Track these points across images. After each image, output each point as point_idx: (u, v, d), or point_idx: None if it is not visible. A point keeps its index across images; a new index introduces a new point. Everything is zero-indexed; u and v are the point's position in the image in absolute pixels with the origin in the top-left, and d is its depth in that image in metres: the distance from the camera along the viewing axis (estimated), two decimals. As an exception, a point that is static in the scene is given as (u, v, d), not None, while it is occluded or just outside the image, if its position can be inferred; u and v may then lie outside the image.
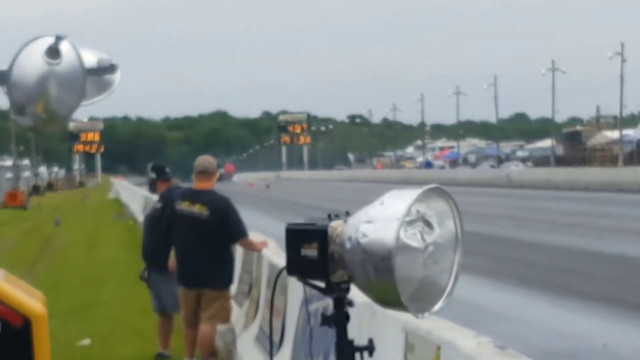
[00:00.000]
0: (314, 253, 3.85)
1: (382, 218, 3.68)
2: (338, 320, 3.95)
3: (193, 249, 10.58)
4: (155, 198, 12.87)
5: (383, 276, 3.65)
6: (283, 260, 4.01)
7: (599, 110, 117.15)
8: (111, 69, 5.13)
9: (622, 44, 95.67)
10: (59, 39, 4.84)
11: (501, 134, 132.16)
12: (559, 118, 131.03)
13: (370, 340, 4.00)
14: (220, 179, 11.10)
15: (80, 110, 5.03)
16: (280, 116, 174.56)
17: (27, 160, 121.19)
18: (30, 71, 4.82)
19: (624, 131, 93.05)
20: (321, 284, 3.91)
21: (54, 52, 4.81)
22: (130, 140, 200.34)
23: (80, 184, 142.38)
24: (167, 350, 11.89)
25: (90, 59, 5.02)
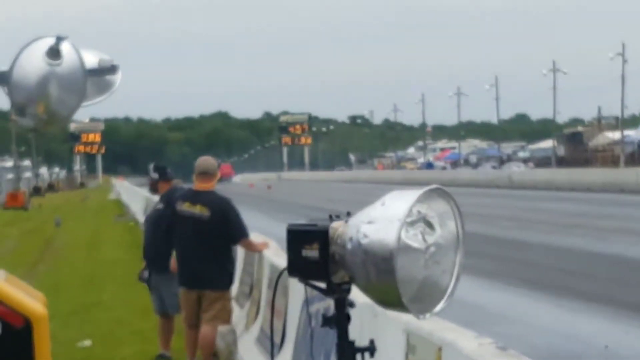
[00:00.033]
0: (315, 254, 3.84)
1: (383, 219, 3.68)
2: (339, 321, 3.95)
3: (194, 250, 10.57)
4: (156, 199, 12.86)
5: (384, 277, 3.64)
6: (284, 261, 4.01)
7: (600, 111, 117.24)
8: (112, 69, 5.12)
9: (624, 45, 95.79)
10: (59, 39, 4.84)
11: (502, 134, 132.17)
12: (560, 119, 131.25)
13: (371, 341, 3.99)
14: (219, 180, 11.10)
15: (81, 111, 5.02)
16: (281, 117, 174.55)
17: (28, 161, 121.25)
18: (31, 72, 4.81)
19: (625, 132, 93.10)
20: (322, 285, 3.91)
21: (54, 53, 4.80)
22: (131, 141, 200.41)
23: (81, 184, 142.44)
24: (168, 351, 11.88)
25: (91, 59, 5.01)
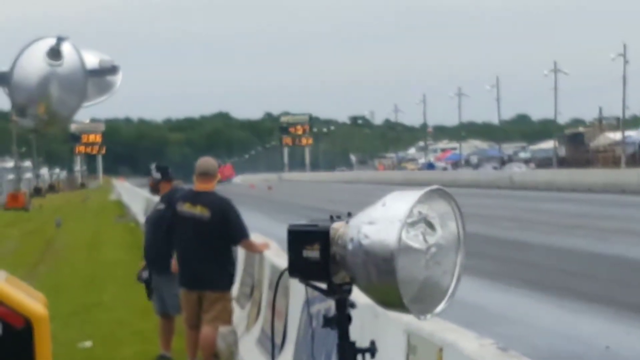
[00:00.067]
0: (315, 254, 3.84)
1: (384, 219, 3.67)
2: (340, 322, 3.94)
3: (194, 251, 10.56)
4: (156, 199, 12.85)
5: (385, 278, 3.63)
6: (285, 262, 4.00)
7: (601, 112, 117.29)
8: (113, 70, 5.11)
9: (625, 45, 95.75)
10: (60, 40, 4.83)
11: (503, 135, 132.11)
12: (561, 119, 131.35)
13: (372, 342, 3.99)
14: (219, 181, 11.11)
15: (81, 112, 5.01)
16: (282, 117, 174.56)
17: (29, 162, 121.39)
18: (32, 72, 4.81)
19: (627, 132, 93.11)
20: (323, 286, 3.90)
21: (55, 54, 4.79)
22: (131, 141, 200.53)
23: (82, 185, 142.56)
24: (169, 352, 11.88)
25: (91, 60, 5.00)
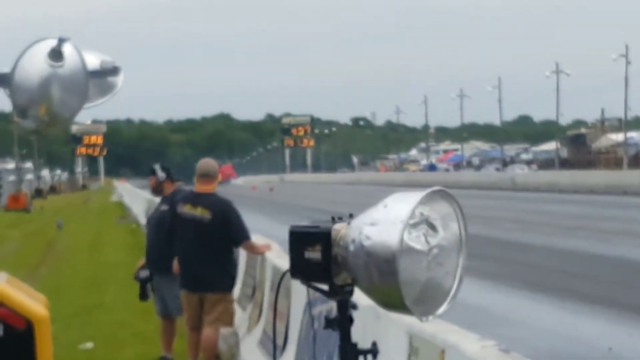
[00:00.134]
0: (317, 256, 3.83)
1: (386, 221, 3.66)
2: (342, 323, 3.93)
3: (195, 252, 10.56)
4: (157, 200, 12.83)
5: (387, 279, 3.63)
6: (286, 263, 3.99)
7: (603, 113, 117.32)
8: (114, 71, 5.11)
9: (627, 46, 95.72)
10: (61, 41, 4.82)
11: (505, 136, 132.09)
12: (563, 121, 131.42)
13: (374, 343, 3.98)
14: (220, 182, 11.10)
15: (83, 113, 5.01)
16: (283, 119, 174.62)
17: (30, 163, 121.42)
18: (33, 73, 4.80)
19: (629, 134, 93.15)
20: (325, 287, 3.89)
21: (56, 55, 4.79)
22: (133, 142, 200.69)
23: (83, 186, 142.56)
24: (170, 354, 11.87)
25: (93, 61, 5.00)
